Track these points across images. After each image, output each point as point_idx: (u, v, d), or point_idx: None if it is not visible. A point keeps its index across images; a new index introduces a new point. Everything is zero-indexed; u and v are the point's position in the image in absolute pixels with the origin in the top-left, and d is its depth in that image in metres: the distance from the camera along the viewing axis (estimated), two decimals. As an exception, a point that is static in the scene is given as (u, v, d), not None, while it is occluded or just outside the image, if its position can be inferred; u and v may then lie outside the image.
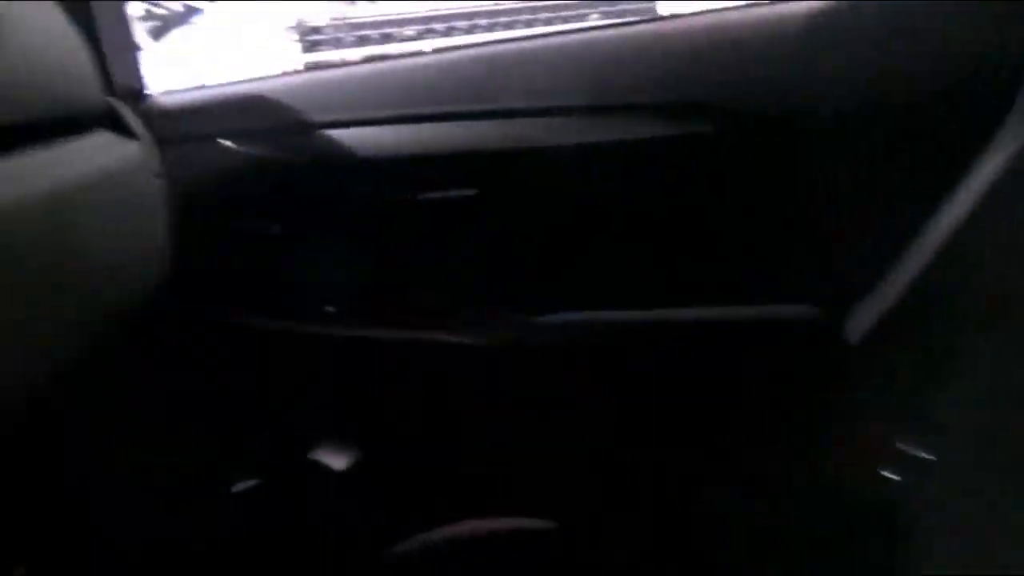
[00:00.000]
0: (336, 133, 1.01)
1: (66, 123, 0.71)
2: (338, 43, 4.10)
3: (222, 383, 1.10)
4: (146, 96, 1.08)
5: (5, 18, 0.62)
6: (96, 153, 0.74)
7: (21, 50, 0.64)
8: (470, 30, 4.53)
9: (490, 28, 4.50)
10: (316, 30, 4.11)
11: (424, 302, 1.05)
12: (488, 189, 1.00)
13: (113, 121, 0.80)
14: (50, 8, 0.72)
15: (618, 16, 4.66)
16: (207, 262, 1.01)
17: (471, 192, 1.00)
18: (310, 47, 4.02)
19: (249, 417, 1.11)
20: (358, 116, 1.02)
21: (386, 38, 4.18)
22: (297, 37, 3.95)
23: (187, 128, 1.05)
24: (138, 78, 1.08)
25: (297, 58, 4.05)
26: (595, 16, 4.44)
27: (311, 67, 3.81)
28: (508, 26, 4.47)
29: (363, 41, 4.20)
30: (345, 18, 4.18)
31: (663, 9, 4.75)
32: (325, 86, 1.07)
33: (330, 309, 1.05)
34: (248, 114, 1.04)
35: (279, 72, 1.22)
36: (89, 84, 0.76)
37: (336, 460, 1.10)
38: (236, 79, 1.10)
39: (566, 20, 4.50)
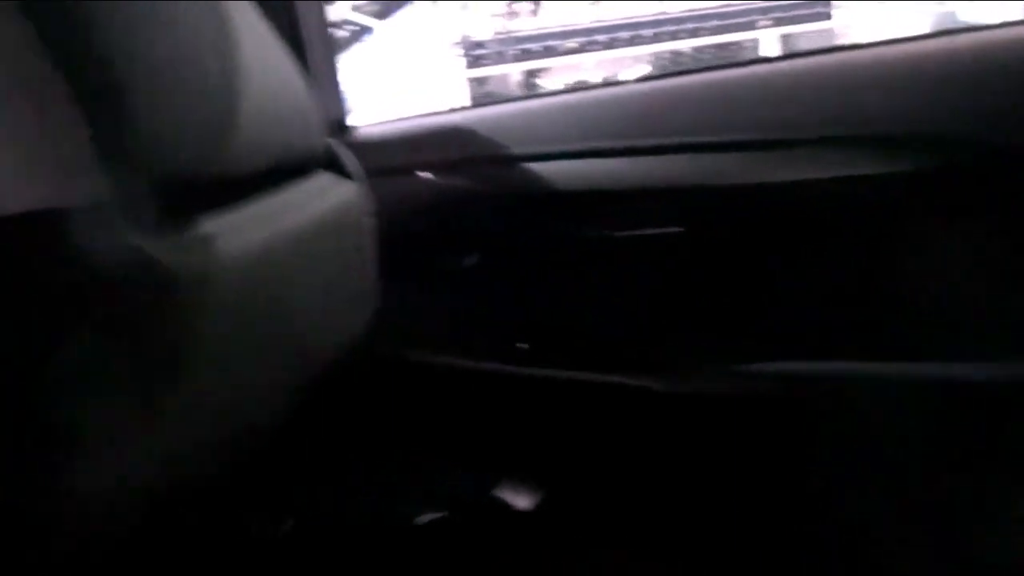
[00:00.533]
0: (536, 166, 0.98)
1: (292, 167, 0.72)
2: (501, 57, 4.17)
3: (408, 417, 1.10)
4: (349, 128, 1.10)
5: (245, 69, 0.62)
6: (318, 196, 0.74)
7: (258, 100, 0.64)
8: (632, 41, 4.46)
9: (654, 39, 4.42)
10: (480, 45, 4.19)
11: (621, 344, 0.99)
12: (694, 227, 0.93)
13: (331, 161, 0.81)
14: (277, 48, 0.73)
15: (791, 22, 4.44)
16: (402, 299, 1.01)
17: (675, 230, 0.94)
18: (474, 62, 4.11)
19: (434, 452, 1.10)
20: (560, 149, 0.98)
21: (548, 51, 4.20)
22: (462, 52, 4.05)
23: (387, 161, 1.05)
24: (342, 110, 1.10)
25: (462, 74, 4.15)
26: (766, 22, 4.25)
27: (477, 83, 3.90)
28: (673, 36, 4.37)
29: (525, 55, 4.25)
30: (508, 32, 4.24)
31: (838, 13, 4.49)
32: (526, 117, 1.05)
33: (522, 346, 1.02)
34: (448, 146, 1.03)
35: (480, 103, 1.21)
36: (311, 126, 0.77)
37: (519, 499, 1.07)
38: (436, 110, 1.09)
39: (735, 28, 4.34)
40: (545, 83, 4.09)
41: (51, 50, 0.46)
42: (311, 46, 1.05)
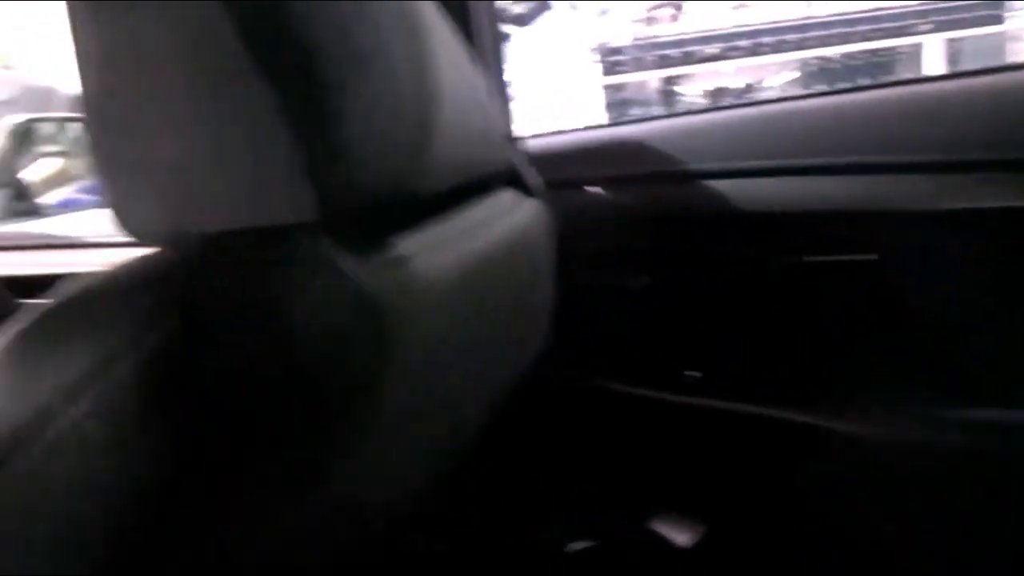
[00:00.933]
0: (713, 184, 0.93)
1: (479, 182, 0.69)
2: (639, 63, 4.10)
3: (567, 441, 1.06)
4: (516, 140, 1.07)
5: (437, 78, 0.60)
6: (504, 214, 0.71)
7: (450, 111, 0.62)
8: (778, 47, 4.28)
9: (800, 45, 4.22)
10: (617, 51, 4.13)
11: (799, 379, 0.92)
12: (893, 255, 0.85)
13: (513, 176, 0.78)
14: (463, 53, 0.71)
15: (954, 26, 4.12)
16: (567, 320, 0.98)
17: (870, 257, 0.86)
18: (611, 68, 4.06)
19: (592, 478, 1.06)
20: (738, 166, 0.92)
21: (688, 57, 4.09)
22: (599, 59, 4.01)
23: (555, 174, 1.02)
24: (508, 123, 1.08)
25: (599, 80, 4.11)
26: (927, 27, 3.97)
27: (614, 89, 3.85)
28: (822, 42, 4.15)
29: (664, 61, 4.15)
30: (647, 38, 4.16)
31: (1013, 16, 4.14)
32: (701, 131, 0.99)
33: (691, 374, 0.97)
34: (620, 161, 0.99)
35: (654, 116, 1.16)
36: (496, 138, 0.74)
37: (678, 534, 1.02)
38: (607, 123, 1.05)
39: (890, 33, 4.08)
40: (684, 90, 3.99)
41: (256, 57, 0.44)
42: (483, 50, 1.03)
